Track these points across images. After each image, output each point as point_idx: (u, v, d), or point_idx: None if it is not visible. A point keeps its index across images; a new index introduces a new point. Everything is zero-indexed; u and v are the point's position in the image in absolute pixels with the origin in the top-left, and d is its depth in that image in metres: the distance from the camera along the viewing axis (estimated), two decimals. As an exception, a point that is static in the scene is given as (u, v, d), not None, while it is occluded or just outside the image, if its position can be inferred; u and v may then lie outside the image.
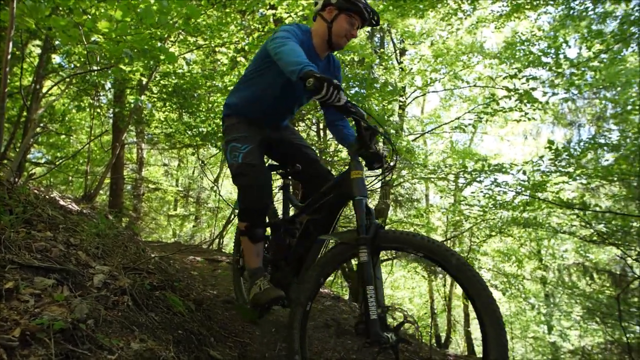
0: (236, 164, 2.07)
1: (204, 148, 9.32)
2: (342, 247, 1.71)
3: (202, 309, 2.31)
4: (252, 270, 2.15)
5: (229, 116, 2.26)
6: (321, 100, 1.59)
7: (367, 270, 1.58)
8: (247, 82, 2.21)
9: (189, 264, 3.82)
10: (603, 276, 8.31)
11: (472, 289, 1.46)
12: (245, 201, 2.07)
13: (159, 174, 11.87)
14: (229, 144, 2.16)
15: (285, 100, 2.22)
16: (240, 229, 2.15)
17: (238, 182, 2.07)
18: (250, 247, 2.15)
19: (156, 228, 11.05)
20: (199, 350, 1.79)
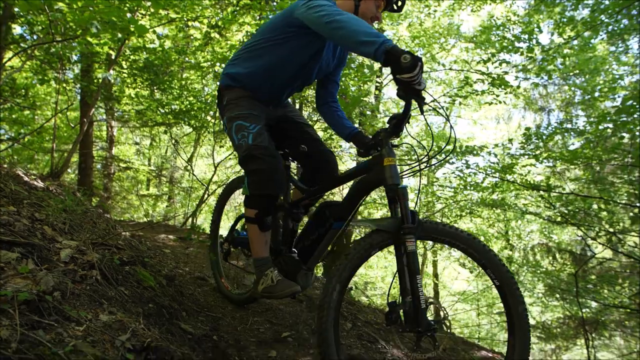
0: (245, 146, 1.89)
1: (177, 126, 9.13)
2: (381, 235, 1.63)
3: (174, 284, 2.31)
4: (260, 259, 2.01)
5: (231, 88, 2.04)
6: (408, 80, 1.46)
7: (415, 260, 1.58)
8: (259, 50, 1.98)
9: (161, 242, 3.78)
10: (564, 255, 8.70)
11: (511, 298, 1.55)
12: (256, 187, 1.90)
13: (130, 152, 11.57)
14: (233, 122, 1.96)
15: (300, 76, 2.04)
16: (249, 217, 1.98)
17: (248, 166, 1.90)
18: (259, 235, 2.00)
19: (128, 208, 10.84)
20: (170, 324, 1.79)
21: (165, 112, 6.95)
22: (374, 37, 1.52)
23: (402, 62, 1.44)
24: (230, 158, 7.09)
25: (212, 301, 2.46)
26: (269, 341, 2.12)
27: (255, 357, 1.92)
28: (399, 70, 1.46)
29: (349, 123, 2.18)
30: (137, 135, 10.87)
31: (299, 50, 1.94)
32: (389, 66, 1.50)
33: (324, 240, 1.95)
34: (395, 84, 1.53)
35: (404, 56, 1.44)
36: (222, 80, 2.08)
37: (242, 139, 1.92)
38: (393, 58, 1.46)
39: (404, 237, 1.58)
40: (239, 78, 2.03)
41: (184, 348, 1.71)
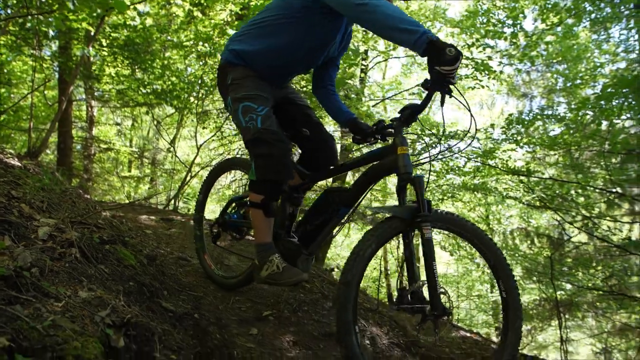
0: (254, 129, 1.83)
1: (159, 107, 8.97)
2: (397, 222, 1.65)
3: (155, 264, 2.30)
4: (263, 245, 1.97)
5: (236, 66, 1.95)
6: (446, 72, 1.47)
7: (432, 246, 1.62)
8: (270, 27, 1.90)
9: (143, 223, 3.76)
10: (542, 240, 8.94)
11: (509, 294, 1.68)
12: (264, 172, 1.85)
13: (111, 133, 11.35)
14: (239, 103, 1.89)
15: (309, 58, 1.98)
16: (254, 202, 1.93)
17: (256, 150, 1.84)
18: (264, 221, 1.95)
19: (109, 190, 10.69)
20: (151, 302, 1.80)
21: (147, 92, 6.82)
22: (415, 25, 1.50)
23: (447, 55, 1.44)
24: (213, 140, 7.02)
25: (193, 281, 2.47)
26: (250, 319, 2.15)
27: (236, 335, 1.95)
28: (442, 62, 1.46)
29: (346, 108, 2.17)
30: (118, 115, 10.66)
31: (314, 31, 1.88)
32: (428, 57, 1.50)
33: (328, 225, 1.96)
34: (430, 75, 1.53)
35: (449, 49, 1.44)
36: (226, 57, 1.98)
37: (250, 121, 1.85)
38: (436, 49, 1.46)
39: (421, 225, 1.62)
40: (245, 56, 1.94)
41: (165, 325, 1.72)
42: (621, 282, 7.27)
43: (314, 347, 1.99)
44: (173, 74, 6.56)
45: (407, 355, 2.26)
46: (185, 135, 11.61)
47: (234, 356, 1.75)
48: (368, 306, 2.61)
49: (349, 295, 1.55)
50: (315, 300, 2.42)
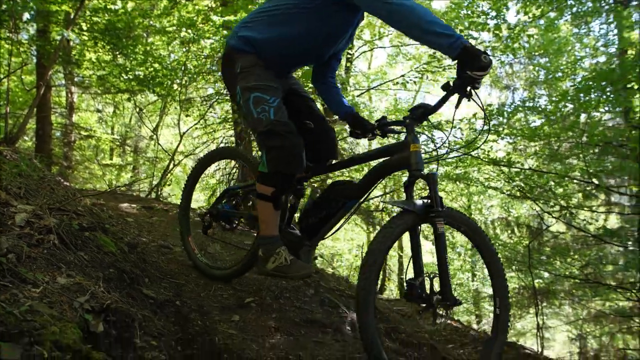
0: (266, 121, 1.81)
1: (142, 94, 8.82)
2: (412, 216, 1.69)
3: (136, 252, 2.29)
4: (270, 238, 1.96)
5: (246, 54, 1.89)
6: (477, 77, 1.53)
7: (445, 240, 1.69)
8: (283, 16, 1.86)
9: (124, 211, 3.72)
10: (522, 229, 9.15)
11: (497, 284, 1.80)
12: (276, 164, 1.84)
13: (91, 120, 11.12)
14: (250, 93, 1.85)
15: (319, 51, 1.96)
16: (264, 194, 1.91)
17: (268, 143, 1.83)
18: (272, 214, 1.94)
19: (90, 178, 10.51)
20: (132, 288, 1.79)
21: (129, 79, 6.68)
22: (449, 30, 1.55)
23: (482, 61, 1.50)
24: (197, 128, 6.95)
25: (175, 269, 2.46)
26: (232, 306, 2.16)
27: (218, 322, 1.96)
28: (477, 67, 1.51)
29: (346, 102, 2.18)
30: (99, 102, 10.43)
31: (327, 24, 1.85)
32: (460, 61, 1.54)
33: (333, 218, 1.97)
34: (460, 78, 1.58)
35: (484, 56, 1.50)
36: (235, 43, 1.92)
37: (263, 113, 1.82)
38: (471, 55, 1.51)
39: (435, 220, 1.68)
40: (256, 43, 1.88)
41: (146, 312, 1.73)
42: (597, 270, 7.49)
43: (295, 333, 2.02)
44: (156, 61, 6.44)
45: (387, 341, 2.31)
46: (168, 123, 11.45)
47: (216, 342, 1.77)
48: (350, 293, 2.65)
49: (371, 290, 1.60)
50: (297, 288, 2.44)
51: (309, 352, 1.86)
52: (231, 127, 6.72)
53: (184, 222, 2.58)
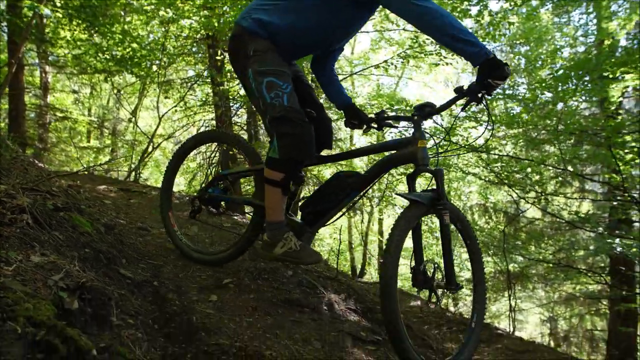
0: (279, 106, 1.82)
1: (120, 75, 8.60)
2: (422, 208, 1.78)
3: (114, 233, 2.27)
4: (278, 223, 1.99)
5: (259, 38, 1.88)
6: (496, 85, 1.62)
7: (449, 232, 1.82)
8: (299, 3, 1.87)
9: (102, 193, 3.67)
10: (499, 215, 9.37)
11: (476, 276, 1.98)
12: (288, 151, 1.85)
13: (67, 101, 10.82)
14: (263, 77, 1.85)
15: (330, 41, 2.01)
16: (273, 180, 1.92)
17: (280, 129, 1.83)
18: (280, 199, 1.96)
19: (67, 161, 10.28)
20: (108, 269, 1.79)
21: (106, 59, 6.51)
22: (476, 39, 1.64)
23: (504, 72, 1.60)
24: (176, 110, 6.84)
25: (153, 250, 2.46)
26: (211, 287, 2.17)
27: (196, 302, 1.97)
28: (498, 77, 1.61)
29: (345, 92, 2.22)
30: (75, 82, 10.14)
31: (342, 18, 1.90)
32: (481, 68, 1.63)
33: (337, 207, 2.03)
34: (479, 84, 1.66)
35: (506, 67, 1.60)
36: (249, 25, 1.89)
37: (276, 98, 1.83)
38: (496, 65, 1.60)
39: (442, 212, 1.80)
40: (271, 28, 1.88)
41: (123, 291, 1.73)
42: (568, 255, 7.74)
43: (272, 312, 2.05)
44: (134, 40, 6.29)
45: (363, 320, 2.36)
46: (147, 106, 11.24)
47: (193, 321, 1.78)
48: (327, 274, 2.69)
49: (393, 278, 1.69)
50: (275, 269, 2.46)
51: (286, 331, 1.89)
52: (211, 110, 6.64)
53: (165, 201, 2.53)
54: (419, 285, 1.84)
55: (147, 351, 1.44)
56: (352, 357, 1.87)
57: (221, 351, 1.64)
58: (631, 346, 7.06)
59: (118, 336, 1.39)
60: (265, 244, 2.02)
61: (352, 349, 1.95)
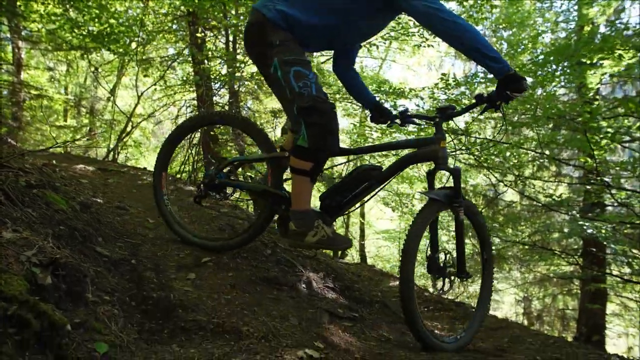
0: (308, 96, 1.85)
1: (97, 52, 8.36)
2: (439, 205, 1.96)
3: (90, 211, 2.25)
4: (306, 212, 2.00)
5: (280, 30, 1.90)
6: (514, 97, 1.76)
7: (463, 226, 1.99)
8: (331, 6, 1.91)
9: (79, 172, 3.60)
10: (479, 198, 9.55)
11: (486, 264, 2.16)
12: (318, 140, 1.88)
13: (42, 79, 10.47)
14: (290, 66, 1.88)
15: (350, 40, 2.10)
16: (302, 169, 1.95)
17: (310, 119, 1.86)
18: (308, 188, 2.00)
19: (42, 140, 10.01)
20: (84, 246, 1.78)
21: (82, 35, 6.31)
22: (498, 54, 1.76)
23: (523, 86, 1.73)
24: (156, 89, 6.71)
25: (131, 229, 2.44)
26: (189, 265, 2.18)
27: (174, 279, 1.98)
28: (517, 90, 1.75)
29: (369, 91, 2.32)
30: (51, 59, 9.81)
31: (366, 23, 1.98)
32: (502, 81, 1.76)
33: (359, 197, 2.12)
34: (498, 94, 1.80)
35: (525, 82, 1.74)
36: (272, 16, 1.90)
37: (305, 87, 1.86)
38: (517, 80, 1.74)
39: (457, 209, 1.96)
40: (293, 22, 1.91)
41: (99, 269, 1.72)
42: (544, 237, 7.97)
43: (251, 290, 2.07)
44: (111, 16, 6.10)
45: (341, 298, 2.41)
46: (126, 84, 10.96)
47: (171, 298, 1.79)
48: (306, 254, 2.72)
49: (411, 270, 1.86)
50: (255, 248, 2.48)
51: (263, 308, 1.92)
52: (192, 90, 6.53)
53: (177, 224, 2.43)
54: (433, 272, 2.03)
55: (124, 327, 1.45)
56: (329, 332, 1.91)
57: (198, 327, 1.66)
58: (599, 324, 7.37)
59: (94, 312, 1.39)
60: (295, 234, 2.03)
61: (328, 325, 1.99)
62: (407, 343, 2.10)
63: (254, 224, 2.30)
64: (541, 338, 2.77)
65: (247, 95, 7.43)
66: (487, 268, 2.20)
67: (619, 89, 7.95)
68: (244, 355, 1.50)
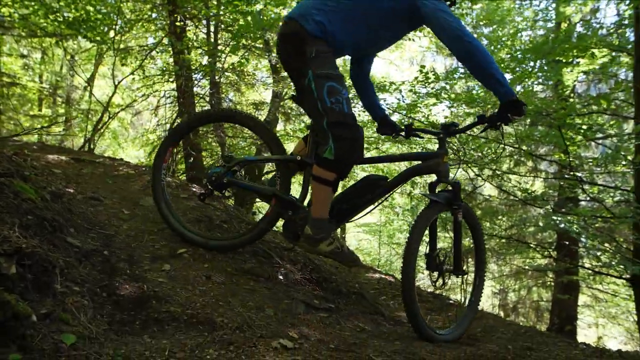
0: (339, 112, 1.92)
1: (73, 40, 8.13)
2: (440, 206, 2.09)
3: (62, 201, 2.19)
4: (324, 221, 2.08)
5: (319, 40, 1.95)
6: (513, 120, 1.90)
7: (461, 227, 2.14)
8: (359, 18, 1.97)
9: (51, 162, 3.51)
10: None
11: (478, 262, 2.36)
12: (344, 154, 1.95)
13: (16, 66, 10.14)
14: (325, 81, 1.93)
15: (370, 51, 2.23)
16: (326, 179, 2.00)
17: (340, 133, 1.93)
18: (329, 197, 2.06)
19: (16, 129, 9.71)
20: (54, 236, 1.74)
21: (57, 21, 6.11)
22: (506, 80, 1.88)
23: (522, 111, 1.86)
24: (134, 79, 6.57)
25: (105, 220, 2.39)
26: (164, 256, 2.15)
27: (148, 271, 1.96)
28: (517, 114, 1.89)
29: (379, 104, 2.43)
30: (24, 46, 9.50)
31: (389, 34, 2.09)
32: (505, 105, 1.89)
33: (365, 205, 2.22)
34: (500, 116, 1.94)
35: (524, 107, 1.87)
36: (311, 28, 1.93)
37: (337, 104, 1.93)
38: (519, 105, 1.87)
39: (456, 212, 2.11)
40: (330, 36, 1.96)
41: (69, 259, 1.69)
42: (520, 230, 8.15)
43: (226, 281, 2.06)
44: (88, 2, 5.92)
45: (318, 289, 2.42)
46: (105, 74, 10.70)
47: (144, 290, 1.77)
48: (284, 245, 2.72)
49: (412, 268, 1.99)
50: None
51: (239, 299, 1.91)
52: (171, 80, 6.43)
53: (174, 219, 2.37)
54: (431, 269, 2.16)
55: (93, 318, 1.43)
56: (304, 323, 1.92)
57: (171, 318, 1.64)
58: (571, 315, 7.60)
59: (62, 303, 1.36)
60: (310, 239, 2.09)
61: (304, 316, 2.00)
62: (382, 333, 2.12)
63: (256, 226, 2.31)
64: (513, 328, 2.84)
65: (229, 86, 7.35)
66: (480, 267, 2.36)
67: (593, 87, 8.15)
68: (217, 345, 1.49)
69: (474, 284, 2.37)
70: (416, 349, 1.84)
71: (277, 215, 2.24)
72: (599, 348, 2.30)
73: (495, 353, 1.99)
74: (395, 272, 11.04)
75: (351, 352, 1.67)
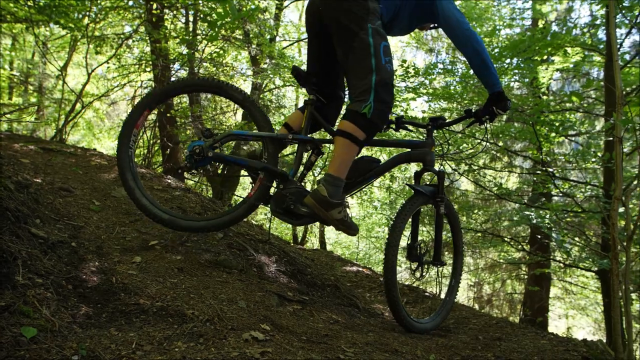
0: (390, 73, 1.96)
1: (46, 27, 7.85)
2: (424, 198, 2.18)
3: (28, 191, 2.12)
4: (341, 180, 1.99)
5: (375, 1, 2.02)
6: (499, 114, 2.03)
7: (442, 220, 2.24)
8: None
9: (19, 151, 3.39)
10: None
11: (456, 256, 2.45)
12: (381, 116, 1.95)
13: (-16, 53, 9.75)
14: (381, 40, 1.95)
15: None
16: (356, 137, 1.94)
17: (384, 95, 1.93)
18: (353, 156, 2.02)
19: (-15, 118, 9.35)
20: (17, 227, 1.68)
21: (28, 6, 5.89)
22: (496, 73, 2.02)
23: (507, 105, 1.99)
24: (110, 68, 6.40)
25: (74, 211, 2.33)
26: (135, 249, 2.11)
27: (118, 263, 1.91)
28: (502, 108, 2.02)
29: None
30: (-7, 32, 9.13)
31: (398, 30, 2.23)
32: (492, 98, 2.03)
33: (357, 187, 2.22)
34: (485, 110, 2.08)
35: (509, 102, 2.01)
36: None
37: (389, 64, 1.95)
38: (502, 98, 2.01)
39: (439, 204, 2.20)
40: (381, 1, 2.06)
41: (33, 251, 1.64)
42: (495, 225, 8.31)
43: (199, 273, 2.03)
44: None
45: (292, 281, 2.41)
46: (80, 62, 10.39)
47: (112, 282, 1.73)
48: (259, 238, 2.70)
49: (394, 255, 2.04)
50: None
51: (211, 291, 1.89)
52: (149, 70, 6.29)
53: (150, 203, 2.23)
54: (411, 259, 2.25)
55: (57, 311, 1.39)
56: (277, 315, 1.91)
57: (140, 311, 1.61)
58: (543, 306, 7.82)
59: (22, 295, 1.32)
60: (323, 200, 1.96)
61: (277, 308, 1.99)
62: (355, 325, 2.13)
63: (245, 201, 2.18)
64: (485, 319, 2.90)
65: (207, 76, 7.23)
66: (458, 259, 2.44)
67: (567, 85, 8.35)
68: (186, 338, 1.47)
69: (451, 276, 2.46)
70: (389, 340, 1.86)
71: (265, 189, 2.15)
72: (566, 338, 2.37)
73: (466, 343, 2.03)
74: (374, 266, 11.12)
75: (323, 343, 1.67)
